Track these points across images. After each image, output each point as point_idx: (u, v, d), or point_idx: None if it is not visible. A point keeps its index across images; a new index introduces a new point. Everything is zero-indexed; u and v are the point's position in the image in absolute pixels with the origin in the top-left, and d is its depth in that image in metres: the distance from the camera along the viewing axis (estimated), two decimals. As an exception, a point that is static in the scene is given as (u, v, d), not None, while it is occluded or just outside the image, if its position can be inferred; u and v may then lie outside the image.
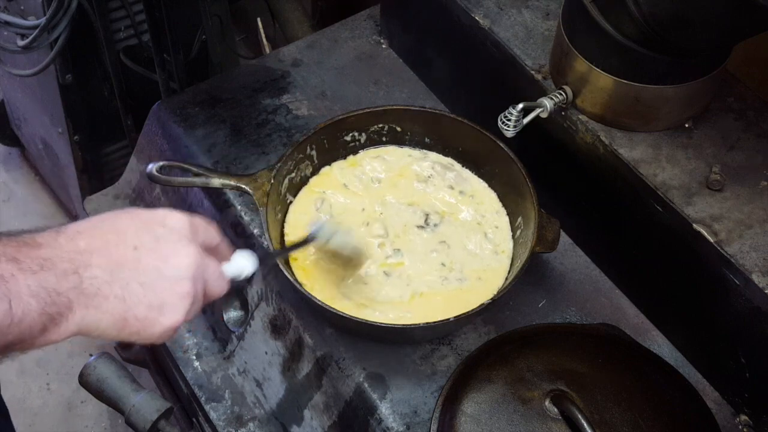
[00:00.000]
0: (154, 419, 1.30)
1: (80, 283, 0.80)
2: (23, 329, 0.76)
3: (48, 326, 0.78)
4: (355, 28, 1.84)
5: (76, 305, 0.80)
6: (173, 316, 0.87)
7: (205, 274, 0.90)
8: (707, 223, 1.26)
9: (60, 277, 0.78)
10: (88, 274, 0.80)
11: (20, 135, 2.68)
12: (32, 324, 0.76)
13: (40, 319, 0.77)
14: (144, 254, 0.85)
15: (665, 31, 1.20)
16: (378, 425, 1.32)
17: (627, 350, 1.29)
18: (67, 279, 0.79)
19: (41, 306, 0.77)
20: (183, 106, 1.69)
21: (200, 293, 0.90)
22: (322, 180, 1.51)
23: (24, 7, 1.98)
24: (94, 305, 0.81)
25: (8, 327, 0.74)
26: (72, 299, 0.79)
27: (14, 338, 0.75)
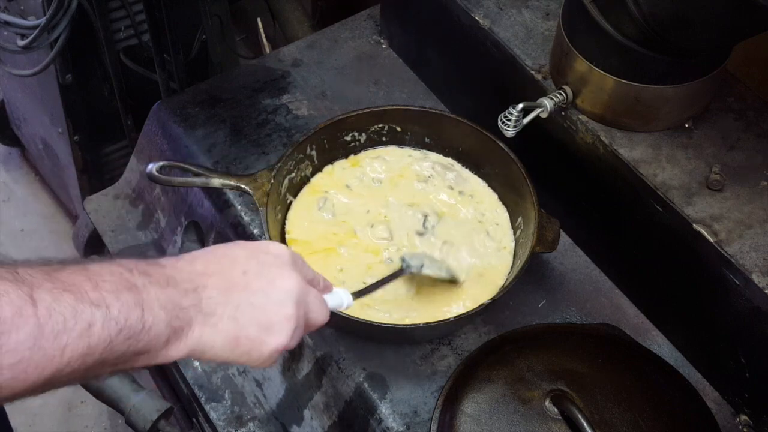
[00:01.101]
0: (154, 419, 1.31)
1: (199, 302, 0.87)
2: (152, 338, 0.81)
3: (171, 339, 0.84)
4: (355, 28, 1.84)
5: (195, 323, 0.86)
6: (279, 337, 0.93)
7: (307, 299, 0.96)
8: (707, 223, 1.26)
9: (182, 295, 0.85)
10: (205, 295, 0.87)
11: (20, 135, 2.68)
12: (159, 334, 0.82)
13: (165, 331, 0.83)
14: (252, 278, 0.92)
15: (665, 31, 1.20)
16: (378, 425, 1.32)
17: (627, 350, 1.29)
18: (188, 297, 0.86)
19: (168, 318, 0.83)
20: (183, 106, 1.69)
21: (302, 318, 0.96)
22: (324, 179, 1.51)
23: (24, 7, 1.98)
24: (210, 324, 0.87)
25: (140, 333, 0.80)
26: (192, 316, 0.86)
27: (143, 346, 0.81)
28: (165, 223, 1.73)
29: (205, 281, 0.88)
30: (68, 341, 0.74)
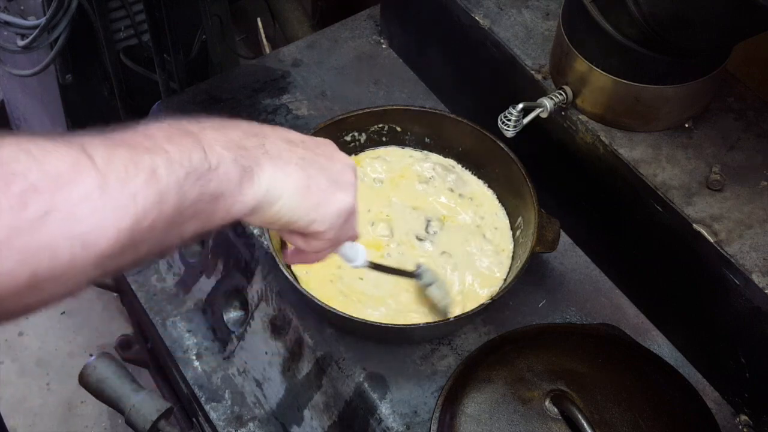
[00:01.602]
0: (154, 419, 1.31)
1: (263, 145, 0.83)
2: (222, 178, 0.77)
3: (243, 180, 0.79)
4: (355, 28, 1.84)
5: (264, 162, 0.82)
6: (347, 195, 0.91)
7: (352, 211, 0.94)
8: (707, 223, 1.26)
9: (245, 136, 0.82)
10: (269, 141, 0.84)
11: (20, 135, 2.67)
12: (228, 173, 0.77)
13: (234, 169, 0.78)
14: (311, 146, 0.90)
15: (665, 31, 1.20)
16: (378, 425, 1.32)
17: (627, 350, 1.29)
18: (251, 139, 0.82)
19: (233, 156, 0.78)
20: (183, 106, 1.69)
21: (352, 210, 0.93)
22: None
23: (24, 7, 1.98)
24: (279, 166, 0.83)
25: (208, 173, 0.75)
26: (259, 157, 0.81)
27: (215, 188, 0.76)
28: (165, 223, 1.72)
29: (266, 132, 0.85)
30: (136, 189, 0.68)
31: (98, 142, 0.69)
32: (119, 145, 0.71)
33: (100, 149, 0.68)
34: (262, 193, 0.81)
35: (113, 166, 0.68)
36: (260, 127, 0.86)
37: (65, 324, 2.55)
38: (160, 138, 0.74)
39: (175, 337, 1.62)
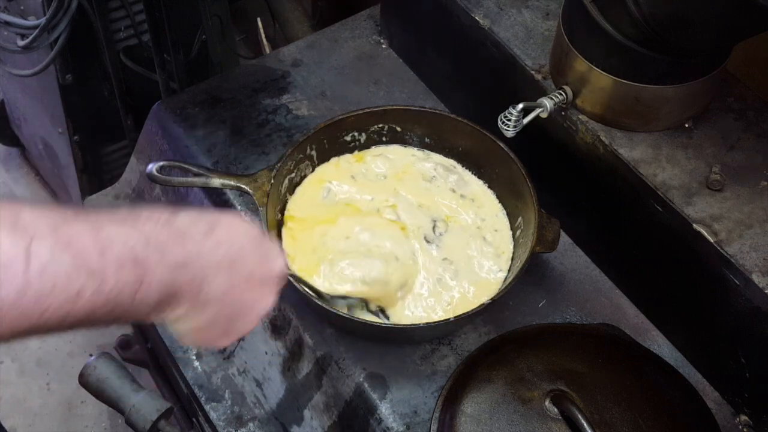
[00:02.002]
0: (154, 419, 1.30)
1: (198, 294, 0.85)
2: (134, 311, 0.79)
3: (152, 313, 0.82)
4: (355, 28, 1.84)
5: (183, 307, 0.85)
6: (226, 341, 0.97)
7: None
8: (707, 223, 1.26)
9: (189, 281, 0.83)
10: (207, 289, 0.86)
11: (20, 135, 2.68)
12: (144, 310, 0.80)
13: (151, 308, 0.81)
14: (250, 287, 0.92)
15: (665, 31, 1.20)
16: (378, 425, 1.32)
17: (627, 350, 1.29)
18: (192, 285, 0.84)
19: (161, 298, 0.81)
20: (183, 106, 1.69)
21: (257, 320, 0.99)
22: (329, 169, 1.50)
23: (24, 7, 1.98)
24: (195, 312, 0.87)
25: (126, 308, 0.77)
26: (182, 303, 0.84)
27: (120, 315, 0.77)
28: (165, 223, 1.72)
29: (212, 276, 0.86)
30: (50, 305, 0.69)
31: (49, 241, 0.69)
32: (68, 248, 0.70)
33: (44, 251, 0.68)
34: (158, 321, 0.86)
35: (44, 278, 0.68)
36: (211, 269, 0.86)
37: (65, 324, 2.55)
38: (111, 258, 0.74)
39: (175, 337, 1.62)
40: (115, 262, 0.74)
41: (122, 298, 0.75)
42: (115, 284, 0.74)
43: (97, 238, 0.73)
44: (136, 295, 0.77)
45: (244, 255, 0.91)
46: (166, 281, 0.80)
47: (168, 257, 0.80)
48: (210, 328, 0.91)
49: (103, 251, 0.73)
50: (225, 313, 0.91)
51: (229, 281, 0.88)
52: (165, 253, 0.80)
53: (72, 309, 0.71)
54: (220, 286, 0.87)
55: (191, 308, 0.86)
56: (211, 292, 0.86)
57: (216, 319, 0.90)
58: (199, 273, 0.85)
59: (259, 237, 0.95)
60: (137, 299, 0.77)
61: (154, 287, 0.78)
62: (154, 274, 0.78)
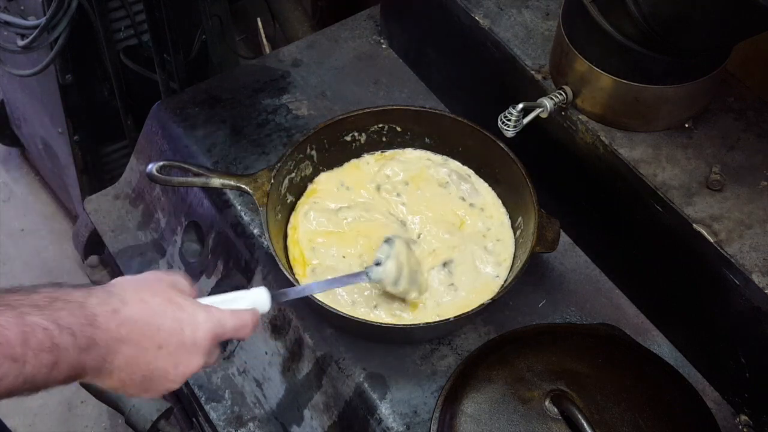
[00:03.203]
0: (154, 419, 1.31)
1: (103, 365, 0.92)
2: (49, 384, 0.87)
3: (60, 382, 0.89)
4: (355, 28, 1.84)
5: (89, 375, 0.92)
6: (152, 394, 1.00)
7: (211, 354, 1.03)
8: (707, 223, 1.26)
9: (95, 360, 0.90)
10: (114, 362, 0.93)
11: (20, 135, 2.68)
12: (53, 382, 0.88)
13: (60, 382, 0.88)
14: (161, 358, 0.97)
15: (665, 31, 1.20)
16: (378, 425, 1.32)
17: (627, 350, 1.29)
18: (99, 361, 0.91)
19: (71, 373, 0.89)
20: (183, 106, 1.69)
21: None
22: (352, 171, 1.52)
23: (24, 7, 1.98)
24: (101, 377, 0.94)
25: (42, 384, 0.86)
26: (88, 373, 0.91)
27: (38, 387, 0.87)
28: (165, 223, 1.73)
29: (121, 349, 0.93)
30: None
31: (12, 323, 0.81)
32: None
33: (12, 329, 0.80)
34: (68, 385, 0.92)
35: None
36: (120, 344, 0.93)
37: (65, 324, 2.55)
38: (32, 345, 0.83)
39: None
40: (36, 348, 0.83)
41: (38, 377, 0.85)
42: (33, 367, 0.83)
43: (21, 328, 0.83)
44: (51, 373, 0.86)
45: (154, 328, 0.96)
46: (74, 361, 0.88)
47: (79, 340, 0.88)
48: (123, 388, 0.97)
49: (25, 341, 0.82)
50: (134, 378, 0.96)
51: (134, 353, 0.94)
52: (76, 337, 0.88)
53: None
54: (125, 357, 0.93)
55: (96, 377, 0.93)
56: (115, 363, 0.93)
57: (126, 383, 0.96)
58: (104, 349, 0.91)
59: (179, 306, 0.99)
60: (51, 376, 0.86)
61: (65, 367, 0.87)
62: (67, 356, 0.87)
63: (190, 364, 0.99)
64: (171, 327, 0.97)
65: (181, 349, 0.98)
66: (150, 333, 0.96)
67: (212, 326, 1.01)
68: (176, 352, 0.98)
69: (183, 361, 0.99)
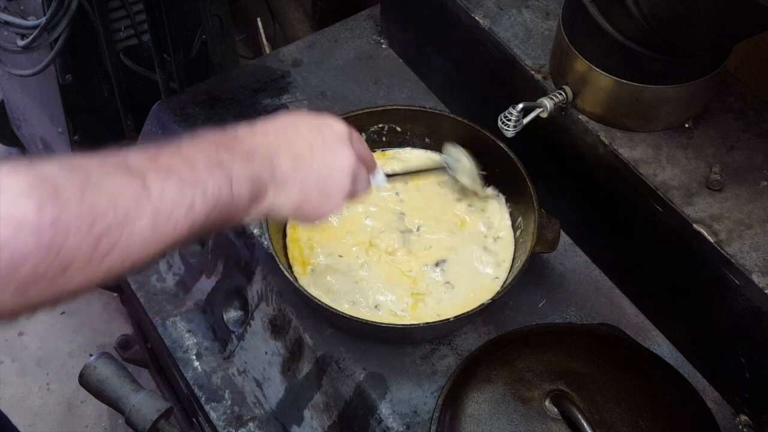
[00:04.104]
0: (154, 419, 1.30)
1: (274, 173, 0.98)
2: (238, 207, 0.93)
3: (252, 206, 0.96)
4: (355, 28, 1.84)
5: (270, 190, 0.98)
6: (334, 203, 1.07)
7: (358, 175, 1.09)
8: (707, 223, 1.26)
9: (261, 166, 0.97)
10: (279, 165, 0.99)
11: (20, 135, 2.68)
12: (244, 203, 0.94)
13: (249, 198, 0.94)
14: (317, 152, 1.04)
15: (665, 31, 1.20)
16: (378, 425, 1.32)
17: (627, 350, 1.29)
18: (266, 168, 0.97)
19: (251, 189, 0.94)
20: (183, 106, 1.69)
21: (352, 189, 1.09)
22: None
23: (24, 7, 1.98)
24: (282, 191, 1.00)
25: (230, 205, 0.91)
26: (268, 185, 0.98)
27: (230, 214, 0.92)
28: (165, 223, 1.72)
29: (277, 152, 0.99)
30: (178, 220, 0.83)
31: (154, 173, 0.83)
32: (170, 174, 0.84)
33: (156, 182, 0.82)
34: (263, 212, 0.99)
35: (165, 200, 0.82)
36: (275, 148, 1.00)
37: (65, 324, 2.55)
38: (200, 167, 0.88)
39: (175, 337, 1.62)
40: (205, 169, 0.88)
41: (223, 197, 0.89)
42: (213, 187, 0.88)
43: (183, 157, 0.87)
44: (232, 191, 0.90)
45: (294, 132, 1.03)
46: (245, 173, 0.93)
47: (235, 153, 0.93)
48: (306, 201, 1.03)
49: (192, 165, 0.87)
50: (309, 182, 1.02)
51: (292, 156, 1.01)
52: (233, 152, 0.93)
53: (194, 218, 0.85)
54: (288, 161, 1.00)
55: (278, 190, 0.99)
56: (282, 168, 0.99)
57: (305, 190, 1.02)
58: (265, 157, 0.97)
59: (302, 113, 1.08)
60: (234, 194, 0.91)
61: (241, 179, 0.92)
62: (234, 169, 0.91)
63: (346, 156, 1.06)
64: (309, 127, 1.05)
65: (331, 142, 1.05)
66: (294, 136, 1.03)
67: (346, 127, 1.09)
68: (327, 146, 1.05)
69: (337, 152, 1.06)
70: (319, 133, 1.05)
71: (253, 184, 0.94)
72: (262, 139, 0.99)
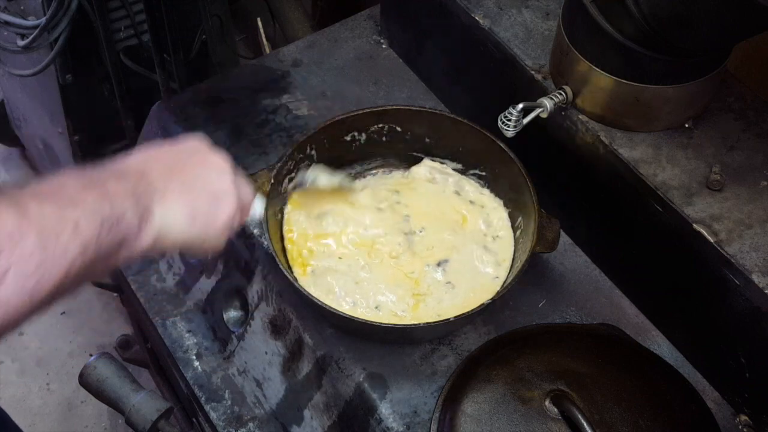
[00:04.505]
0: (154, 419, 1.31)
1: (150, 184, 0.93)
2: (126, 226, 0.87)
3: (141, 225, 0.90)
4: (355, 28, 1.84)
5: (154, 204, 0.92)
6: (229, 205, 1.01)
7: (236, 175, 1.04)
8: (707, 223, 1.26)
9: (135, 182, 0.92)
10: (153, 177, 0.94)
11: (20, 135, 2.68)
12: (131, 222, 0.88)
13: (135, 218, 0.89)
14: (186, 159, 1.00)
15: (665, 31, 1.20)
16: (378, 425, 1.32)
17: (627, 350, 1.29)
18: (140, 183, 0.92)
19: (133, 204, 0.89)
20: (183, 106, 1.69)
21: (238, 192, 1.04)
22: None
23: (24, 7, 1.98)
24: (164, 202, 0.94)
25: (117, 223, 0.86)
26: (149, 199, 0.92)
27: (122, 236, 0.87)
28: (165, 223, 1.73)
29: (148, 168, 0.95)
30: (67, 240, 0.78)
31: (28, 198, 0.78)
32: (45, 198, 0.80)
33: (33, 206, 0.77)
34: (156, 231, 0.92)
35: (47, 221, 0.77)
36: (144, 165, 0.96)
37: (65, 324, 2.55)
38: (76, 189, 0.84)
39: (175, 337, 1.62)
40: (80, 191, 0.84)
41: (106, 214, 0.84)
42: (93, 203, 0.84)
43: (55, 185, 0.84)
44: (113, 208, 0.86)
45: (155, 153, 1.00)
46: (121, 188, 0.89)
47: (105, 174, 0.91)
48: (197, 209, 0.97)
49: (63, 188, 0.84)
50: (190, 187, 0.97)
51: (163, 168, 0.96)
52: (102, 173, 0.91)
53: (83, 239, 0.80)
54: (160, 173, 0.95)
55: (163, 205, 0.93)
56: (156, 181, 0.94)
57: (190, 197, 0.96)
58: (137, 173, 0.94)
59: None
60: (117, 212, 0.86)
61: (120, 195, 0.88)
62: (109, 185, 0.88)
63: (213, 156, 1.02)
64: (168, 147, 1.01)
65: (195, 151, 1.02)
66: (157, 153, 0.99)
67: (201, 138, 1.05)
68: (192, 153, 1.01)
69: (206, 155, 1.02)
70: (179, 147, 1.02)
71: (134, 200, 0.90)
72: (125, 164, 0.96)
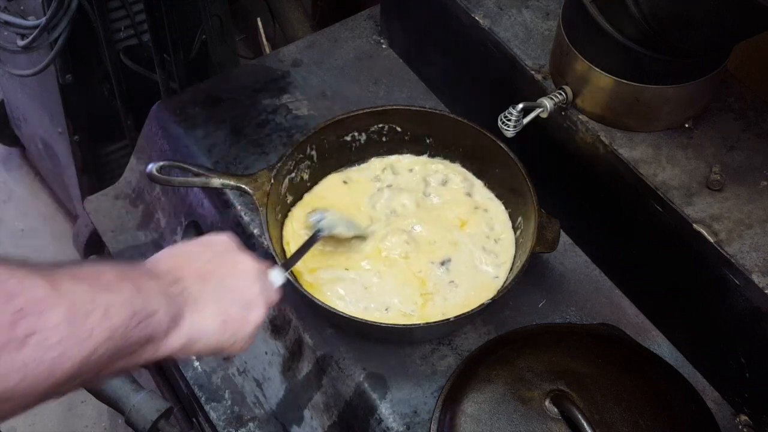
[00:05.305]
0: (154, 419, 1.30)
1: (184, 290, 0.91)
2: (156, 325, 0.84)
3: (170, 327, 0.87)
4: (355, 28, 1.84)
5: (186, 310, 0.90)
6: (258, 312, 1.01)
7: (263, 276, 1.05)
8: (707, 223, 1.26)
9: (169, 284, 0.90)
10: (186, 284, 0.92)
11: (20, 135, 2.68)
12: (161, 321, 0.85)
13: (166, 318, 0.86)
14: (216, 266, 0.98)
15: (665, 31, 1.20)
16: (378, 425, 1.32)
17: (627, 350, 1.29)
18: (174, 286, 0.91)
19: (166, 304, 0.86)
20: (183, 106, 1.69)
21: (265, 293, 1.04)
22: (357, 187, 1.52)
23: (24, 7, 1.98)
24: (198, 309, 0.92)
25: (148, 318, 0.83)
26: (182, 304, 0.90)
27: (150, 333, 0.84)
28: (165, 223, 1.73)
29: (180, 273, 0.93)
30: (94, 323, 0.75)
31: (62, 275, 0.76)
32: (79, 279, 0.77)
33: (66, 282, 0.75)
34: (185, 338, 0.90)
35: (78, 298, 0.75)
36: (176, 270, 0.94)
37: (65, 324, 2.55)
38: (110, 278, 0.81)
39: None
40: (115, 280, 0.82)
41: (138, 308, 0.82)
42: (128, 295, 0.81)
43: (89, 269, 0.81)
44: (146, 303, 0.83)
45: (185, 256, 0.98)
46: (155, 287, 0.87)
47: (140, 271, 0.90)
48: (228, 316, 0.96)
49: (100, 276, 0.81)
50: (222, 295, 0.96)
51: (195, 274, 0.95)
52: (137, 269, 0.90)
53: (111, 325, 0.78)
54: (193, 279, 0.94)
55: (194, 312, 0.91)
56: (190, 287, 0.92)
57: (222, 305, 0.95)
58: (170, 276, 0.92)
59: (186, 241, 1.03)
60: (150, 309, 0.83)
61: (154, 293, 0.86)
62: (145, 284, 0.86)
63: (241, 259, 1.02)
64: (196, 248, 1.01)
65: (223, 255, 1.01)
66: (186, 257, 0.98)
67: (227, 236, 1.04)
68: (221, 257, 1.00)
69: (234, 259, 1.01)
70: (208, 249, 1.01)
71: (167, 301, 0.87)
72: (156, 265, 0.94)
